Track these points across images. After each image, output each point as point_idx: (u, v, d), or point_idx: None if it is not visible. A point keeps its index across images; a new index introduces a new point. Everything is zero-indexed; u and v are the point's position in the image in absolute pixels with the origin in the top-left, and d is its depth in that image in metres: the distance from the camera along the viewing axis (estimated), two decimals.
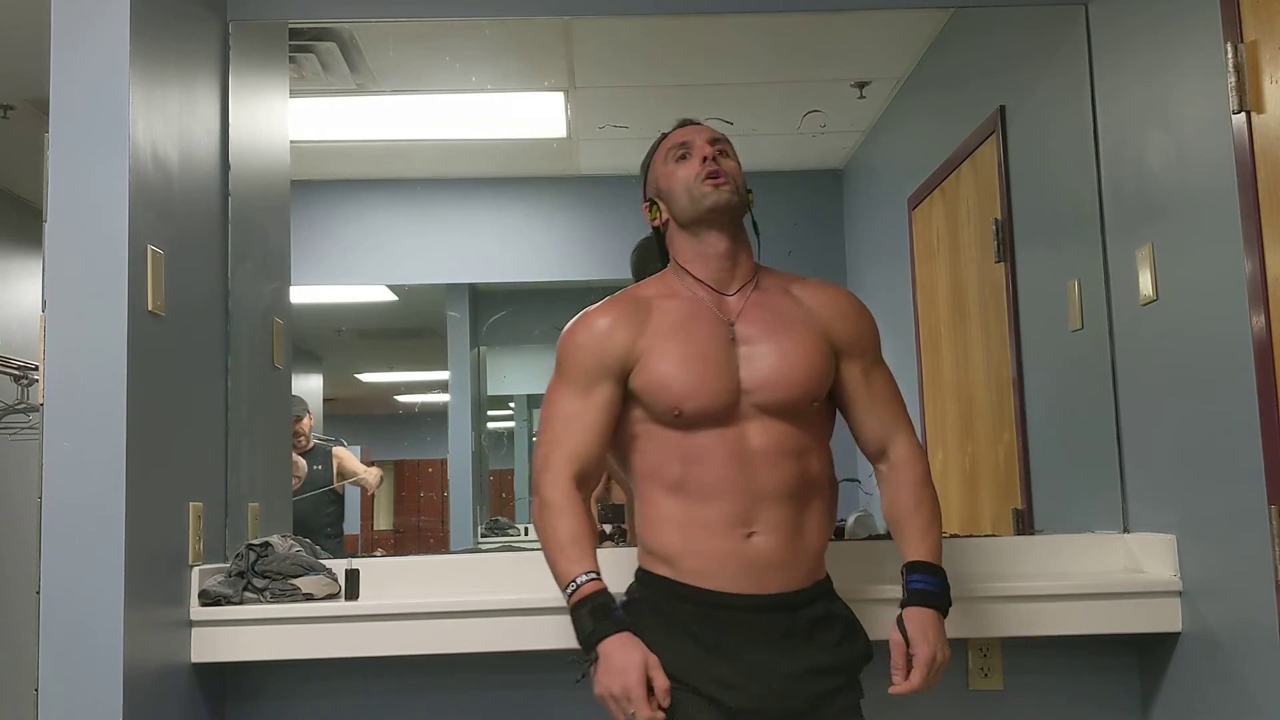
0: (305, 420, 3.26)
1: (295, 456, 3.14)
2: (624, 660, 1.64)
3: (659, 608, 1.77)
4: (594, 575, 1.71)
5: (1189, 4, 2.11)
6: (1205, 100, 2.06)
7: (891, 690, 1.77)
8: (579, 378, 1.81)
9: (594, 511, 2.48)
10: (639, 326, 1.81)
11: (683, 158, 1.86)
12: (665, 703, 1.64)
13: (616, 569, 1.85)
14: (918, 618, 1.78)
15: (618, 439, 1.86)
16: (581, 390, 1.80)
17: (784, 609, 1.75)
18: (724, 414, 1.76)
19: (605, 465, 1.86)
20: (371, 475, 3.32)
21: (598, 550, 1.76)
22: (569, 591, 1.71)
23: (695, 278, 1.85)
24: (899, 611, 1.82)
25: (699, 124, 1.93)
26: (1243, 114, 1.95)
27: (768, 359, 1.78)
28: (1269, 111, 1.90)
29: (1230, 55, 1.97)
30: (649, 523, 1.81)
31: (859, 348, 1.87)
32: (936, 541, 1.85)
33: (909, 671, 1.77)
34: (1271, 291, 1.89)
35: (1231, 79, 1.96)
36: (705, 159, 1.83)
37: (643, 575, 1.83)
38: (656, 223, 1.91)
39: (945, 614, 1.81)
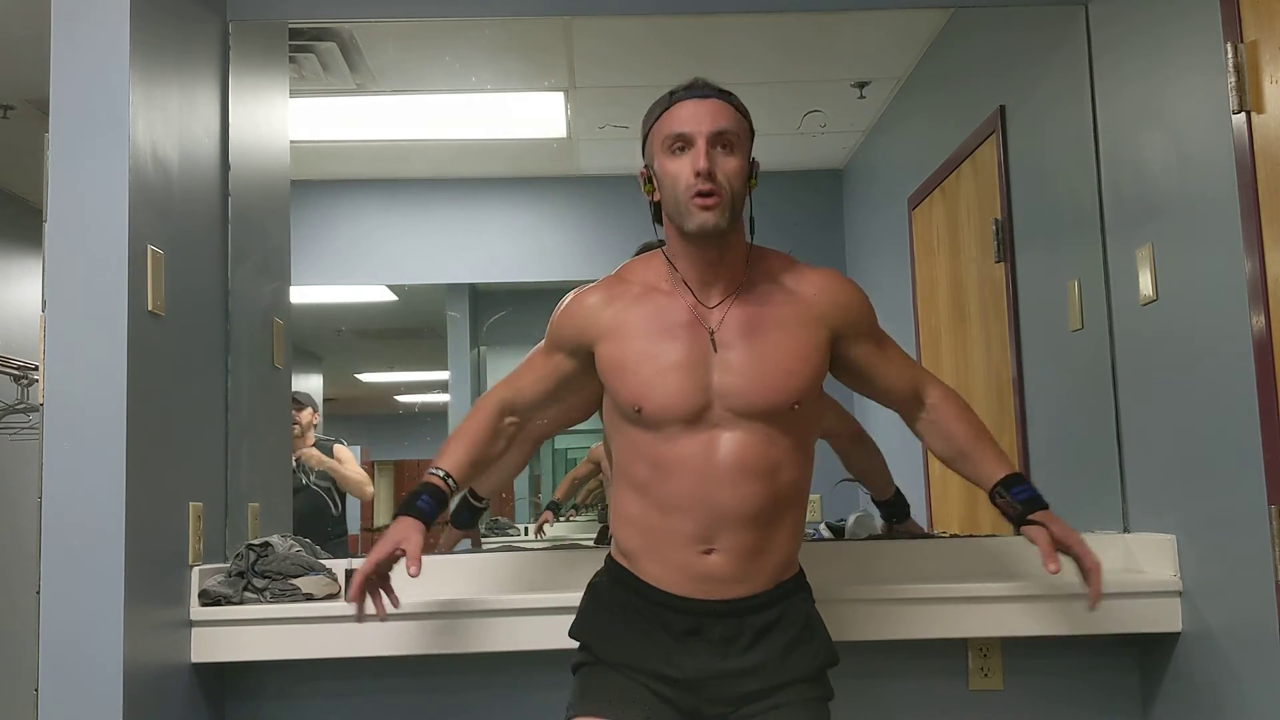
0: (306, 412, 3.24)
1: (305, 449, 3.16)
2: (388, 534, 1.81)
3: (615, 596, 1.84)
4: (441, 473, 1.86)
5: (1189, 4, 2.11)
6: (1205, 100, 2.06)
7: (1090, 593, 1.81)
8: (548, 343, 1.91)
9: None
10: (604, 306, 1.80)
11: (680, 150, 1.69)
12: (412, 570, 1.77)
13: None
14: (1049, 519, 1.82)
15: (608, 430, 1.90)
16: (545, 351, 1.91)
17: (733, 614, 1.76)
18: (692, 418, 1.71)
19: (539, 413, 1.95)
20: (350, 471, 3.29)
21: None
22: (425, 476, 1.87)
23: (681, 276, 1.77)
24: (1016, 529, 1.86)
25: (707, 97, 1.71)
26: (1243, 114, 1.95)
27: (744, 363, 1.72)
28: (1269, 111, 1.90)
29: (1230, 55, 1.96)
30: (617, 518, 1.85)
31: (864, 328, 1.85)
32: (1005, 457, 1.91)
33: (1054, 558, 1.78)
34: (1271, 291, 1.89)
35: (1231, 79, 1.96)
36: (699, 173, 1.66)
37: (608, 562, 1.88)
38: (653, 198, 1.79)
39: None
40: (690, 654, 1.76)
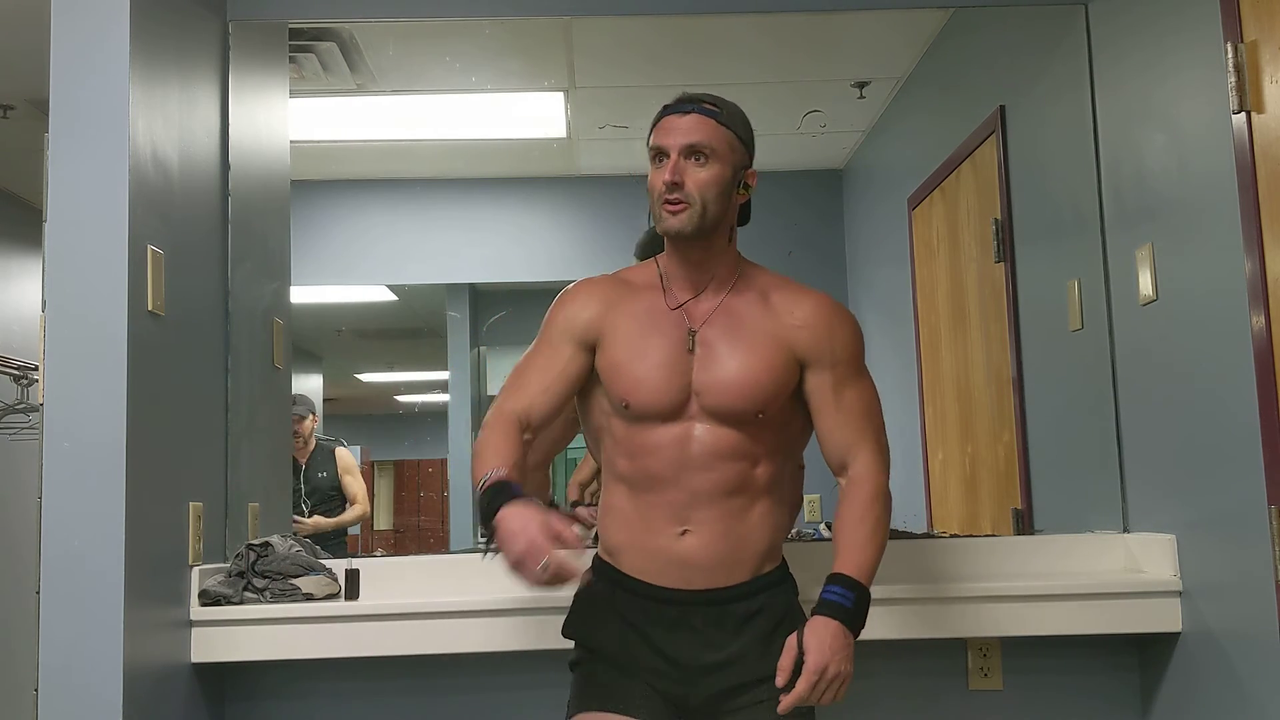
0: (308, 421, 3.24)
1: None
2: (520, 523, 1.60)
3: (602, 592, 1.85)
4: (501, 470, 1.71)
5: (1189, 4, 2.11)
6: (1205, 100, 2.06)
7: (781, 707, 1.67)
8: (550, 337, 1.88)
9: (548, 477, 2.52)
10: (609, 305, 1.86)
11: (659, 160, 1.80)
12: (582, 560, 1.62)
13: None
14: (819, 627, 1.70)
15: (591, 433, 1.92)
16: (549, 347, 1.87)
17: (715, 603, 1.80)
18: (672, 412, 1.79)
19: (556, 416, 1.87)
20: (354, 512, 3.30)
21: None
22: (479, 488, 1.71)
23: (667, 273, 1.87)
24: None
25: (686, 112, 1.80)
26: (1243, 114, 1.95)
27: (720, 366, 1.79)
28: (1269, 111, 1.90)
29: (1230, 55, 1.97)
30: (604, 514, 1.89)
31: (828, 359, 1.83)
32: (869, 560, 1.78)
33: (794, 680, 1.67)
34: (1271, 291, 1.89)
35: (1231, 79, 1.96)
36: (666, 184, 1.76)
37: (595, 560, 1.90)
38: None
39: (855, 633, 1.73)
40: (678, 645, 1.80)
